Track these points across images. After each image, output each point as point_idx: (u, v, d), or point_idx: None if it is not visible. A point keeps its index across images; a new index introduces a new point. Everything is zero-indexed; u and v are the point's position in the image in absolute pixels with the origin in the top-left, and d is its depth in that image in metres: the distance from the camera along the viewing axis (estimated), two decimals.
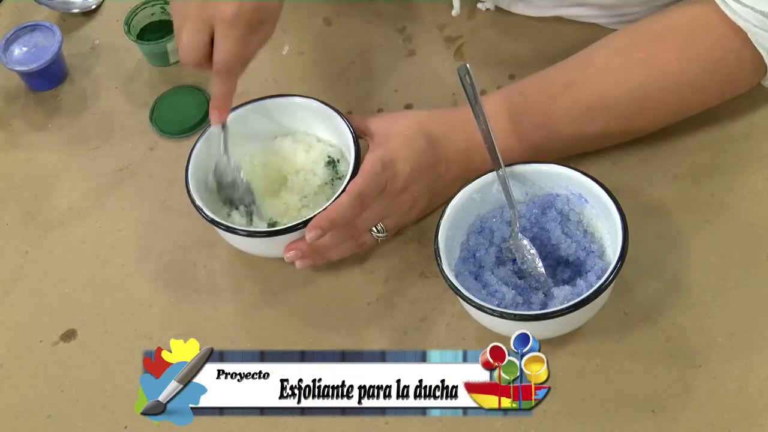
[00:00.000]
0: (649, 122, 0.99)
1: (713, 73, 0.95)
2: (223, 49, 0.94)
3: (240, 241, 0.97)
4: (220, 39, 0.93)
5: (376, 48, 1.16)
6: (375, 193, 0.93)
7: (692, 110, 0.98)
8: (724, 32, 0.93)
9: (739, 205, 0.97)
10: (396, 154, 0.95)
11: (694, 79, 0.95)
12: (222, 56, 0.94)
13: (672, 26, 0.96)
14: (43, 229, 1.07)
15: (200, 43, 0.94)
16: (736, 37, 0.93)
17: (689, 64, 0.95)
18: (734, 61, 0.95)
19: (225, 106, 0.98)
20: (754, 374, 0.87)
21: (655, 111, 0.97)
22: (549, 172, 0.94)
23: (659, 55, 0.95)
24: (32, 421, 0.94)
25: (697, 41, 0.94)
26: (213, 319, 0.98)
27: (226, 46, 0.93)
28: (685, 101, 0.97)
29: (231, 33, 0.93)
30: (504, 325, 0.87)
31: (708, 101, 0.98)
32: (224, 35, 0.93)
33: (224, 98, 0.97)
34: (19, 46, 1.18)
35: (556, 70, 0.99)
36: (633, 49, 0.97)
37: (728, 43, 0.94)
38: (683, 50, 0.94)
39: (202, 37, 0.94)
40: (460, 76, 0.90)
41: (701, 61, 0.95)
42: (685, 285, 0.93)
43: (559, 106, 0.96)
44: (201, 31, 0.93)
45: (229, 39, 0.93)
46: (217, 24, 0.93)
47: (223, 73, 0.95)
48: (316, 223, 0.92)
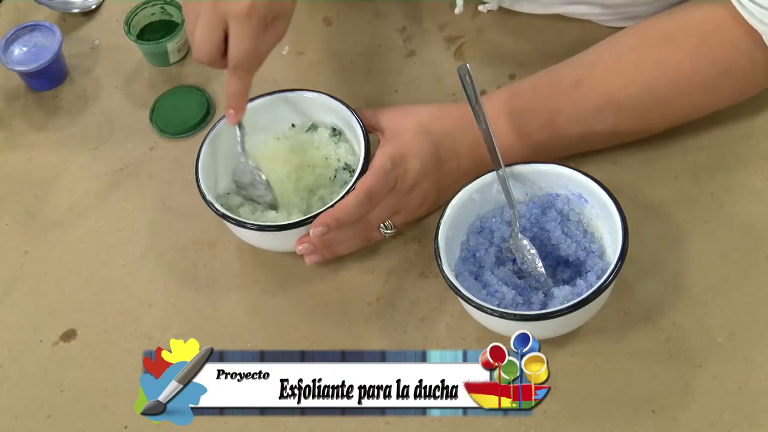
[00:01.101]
0: (658, 122, 0.98)
1: (726, 74, 0.95)
2: (238, 45, 0.93)
3: (250, 236, 0.97)
4: (235, 35, 0.92)
5: (376, 48, 1.16)
6: (384, 192, 0.93)
7: (703, 111, 0.98)
8: (738, 33, 0.92)
9: (739, 205, 0.97)
10: (406, 150, 0.94)
11: (706, 80, 0.95)
12: (237, 52, 0.93)
13: (684, 26, 0.95)
14: (43, 229, 1.07)
15: (215, 39, 0.93)
16: (750, 39, 0.92)
17: (702, 65, 0.94)
18: (747, 63, 0.94)
19: (241, 104, 0.97)
20: (754, 374, 0.87)
21: (665, 111, 0.97)
22: (549, 172, 0.93)
23: (671, 55, 0.94)
24: (32, 421, 0.94)
25: (711, 42, 0.93)
26: (213, 319, 0.98)
27: (241, 41, 0.92)
28: (696, 102, 0.97)
29: (245, 28, 0.92)
30: (504, 325, 0.87)
31: (719, 102, 0.98)
32: (239, 31, 0.92)
33: (240, 96, 0.96)
34: (19, 46, 1.18)
35: (564, 67, 0.98)
36: (644, 48, 0.96)
37: (742, 45, 0.93)
38: (696, 50, 0.94)
39: (216, 33, 0.93)
40: (460, 76, 0.90)
41: (714, 62, 0.94)
42: (685, 285, 0.93)
43: (568, 104, 0.96)
44: (215, 27, 0.92)
45: (243, 35, 0.92)
46: (232, 20, 0.92)
47: (238, 69, 0.94)
48: (321, 220, 0.92)
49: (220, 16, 0.92)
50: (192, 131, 1.12)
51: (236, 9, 0.91)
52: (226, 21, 0.92)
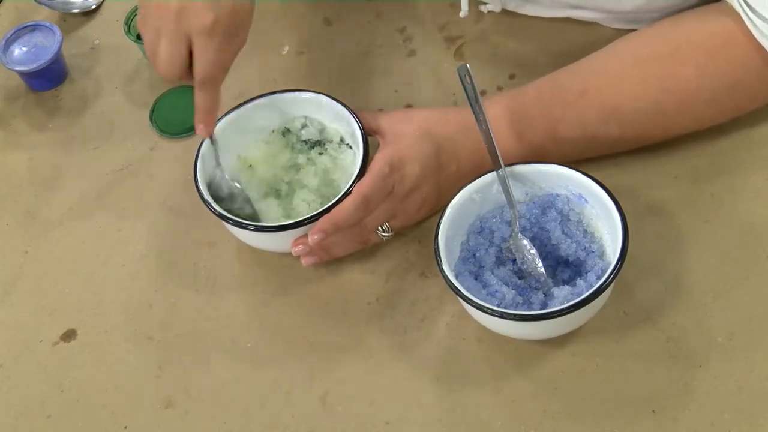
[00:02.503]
0: (661, 133, 0.98)
1: (732, 91, 0.94)
2: (204, 61, 0.92)
3: (248, 236, 0.97)
4: (200, 50, 0.92)
5: (376, 48, 1.16)
6: (381, 196, 0.93)
7: (706, 124, 0.97)
8: (746, 50, 0.91)
9: (739, 205, 0.97)
10: (405, 154, 0.94)
11: (712, 97, 0.94)
12: (204, 68, 0.92)
13: (692, 40, 0.94)
14: (43, 229, 1.07)
15: (180, 56, 0.92)
16: (758, 56, 0.91)
17: (708, 81, 0.93)
18: (755, 80, 0.93)
19: (211, 118, 0.97)
20: (754, 374, 0.87)
21: (668, 124, 0.96)
22: (549, 172, 0.93)
23: (678, 71, 0.93)
24: (32, 421, 0.94)
25: (718, 58, 0.92)
26: (213, 319, 0.98)
27: (206, 57, 0.92)
28: (700, 116, 0.96)
29: (210, 43, 0.91)
30: (504, 325, 0.87)
31: (722, 116, 0.97)
32: (204, 46, 0.92)
33: (209, 110, 0.96)
34: (19, 46, 1.18)
35: (568, 75, 0.98)
36: (650, 61, 0.95)
37: (750, 62, 0.92)
38: (703, 67, 0.93)
39: (181, 50, 0.92)
40: (460, 76, 0.90)
41: (720, 78, 0.93)
42: (685, 285, 0.93)
43: (571, 113, 0.96)
44: (179, 44, 0.92)
45: (209, 49, 0.92)
46: (195, 35, 0.91)
47: (206, 84, 0.94)
48: (320, 227, 0.91)
49: (183, 33, 0.91)
50: (192, 131, 1.12)
51: (200, 25, 0.91)
52: (189, 37, 0.92)
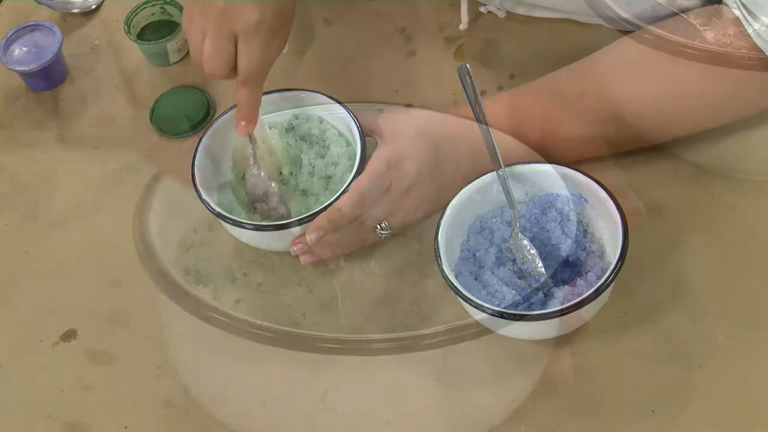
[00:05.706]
0: (661, 135, 0.98)
1: (733, 96, 0.94)
2: (249, 58, 0.93)
3: (247, 236, 0.97)
4: (245, 48, 0.93)
5: (376, 48, 1.16)
6: (378, 194, 0.93)
7: (706, 127, 0.97)
8: (745, 55, 0.91)
9: (739, 205, 0.97)
10: (403, 153, 0.94)
11: (713, 101, 0.94)
12: (248, 65, 0.93)
13: (692, 44, 0.93)
14: (43, 230, 1.07)
15: (227, 54, 0.93)
16: (758, 61, 0.91)
17: (709, 87, 0.93)
18: (754, 85, 0.93)
19: (253, 115, 0.97)
20: (754, 374, 0.87)
21: (669, 126, 0.96)
22: (549, 172, 0.93)
23: (680, 75, 0.93)
24: (32, 421, 0.94)
25: (718, 62, 0.92)
26: (213, 319, 0.98)
27: (251, 54, 0.93)
28: (700, 119, 0.96)
29: (255, 40, 0.92)
30: (504, 325, 0.87)
31: (723, 120, 0.97)
32: (249, 43, 0.92)
33: (252, 107, 0.96)
34: (19, 46, 1.18)
35: (568, 76, 0.98)
36: (652, 65, 0.95)
37: (749, 66, 0.92)
38: (705, 72, 0.93)
39: (227, 48, 0.93)
40: (460, 76, 0.90)
41: (722, 84, 0.93)
42: (685, 285, 0.93)
43: (570, 115, 0.96)
44: (226, 42, 0.92)
45: (254, 47, 0.92)
46: (241, 34, 0.92)
47: (249, 82, 0.94)
48: (317, 225, 0.92)
49: (229, 31, 0.92)
50: (192, 131, 1.12)
51: (245, 23, 0.91)
52: (235, 36, 0.92)
